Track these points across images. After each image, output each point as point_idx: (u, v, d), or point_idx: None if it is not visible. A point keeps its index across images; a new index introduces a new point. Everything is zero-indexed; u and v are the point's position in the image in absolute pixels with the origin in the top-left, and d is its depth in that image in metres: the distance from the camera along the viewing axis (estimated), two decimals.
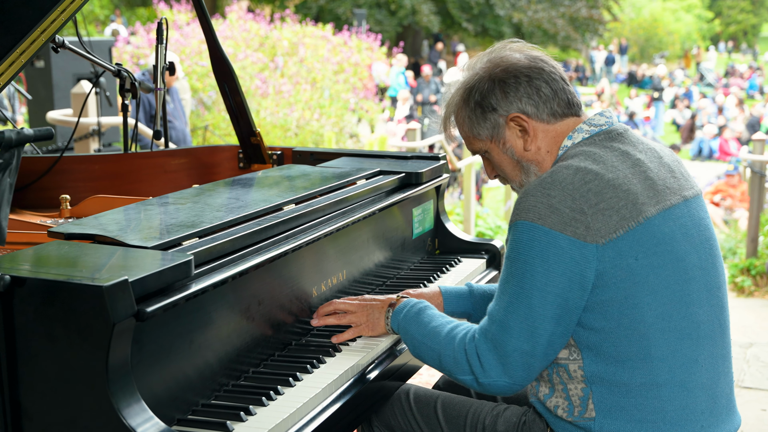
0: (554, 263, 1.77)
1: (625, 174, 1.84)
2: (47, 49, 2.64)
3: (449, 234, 3.01)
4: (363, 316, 2.16)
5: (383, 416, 2.19)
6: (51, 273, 1.59)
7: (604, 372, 1.82)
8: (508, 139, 1.99)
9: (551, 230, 1.77)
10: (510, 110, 1.96)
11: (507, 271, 1.85)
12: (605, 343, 1.81)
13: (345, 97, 11.72)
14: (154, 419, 1.55)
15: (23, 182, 2.86)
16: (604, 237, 1.77)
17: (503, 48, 2.03)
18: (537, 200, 1.81)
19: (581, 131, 1.95)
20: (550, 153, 1.98)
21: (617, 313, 1.79)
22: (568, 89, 1.99)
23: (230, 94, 3.04)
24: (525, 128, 1.96)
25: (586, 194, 1.79)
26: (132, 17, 25.19)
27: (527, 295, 1.80)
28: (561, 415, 1.90)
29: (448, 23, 28.21)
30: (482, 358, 1.85)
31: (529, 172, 2.00)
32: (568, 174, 1.83)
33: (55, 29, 2.18)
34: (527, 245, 1.80)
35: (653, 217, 1.82)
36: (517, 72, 1.96)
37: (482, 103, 1.98)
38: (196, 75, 10.85)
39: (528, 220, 1.80)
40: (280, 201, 2.24)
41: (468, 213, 9.01)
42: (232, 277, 1.86)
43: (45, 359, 1.56)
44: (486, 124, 1.99)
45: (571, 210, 1.78)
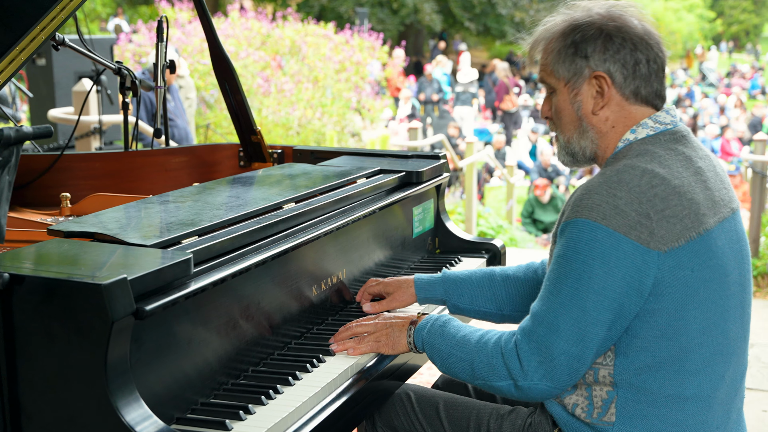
0: (615, 266, 1.71)
1: (689, 182, 1.79)
2: (48, 46, 2.64)
3: (449, 233, 3.01)
4: (383, 335, 2.09)
5: (386, 417, 2.17)
6: (50, 271, 1.58)
7: (635, 379, 1.79)
8: (582, 92, 1.90)
9: (615, 232, 1.71)
10: (599, 67, 1.87)
11: (560, 270, 1.78)
12: (644, 351, 1.77)
13: (347, 96, 11.71)
14: (152, 418, 1.55)
15: (24, 180, 2.86)
16: (667, 245, 1.72)
17: (627, 6, 1.92)
18: (602, 199, 1.74)
19: (646, 126, 1.88)
20: (614, 129, 1.90)
21: (664, 323, 1.75)
22: (661, 79, 1.91)
23: (231, 93, 3.04)
24: (603, 92, 1.88)
25: (653, 199, 1.74)
26: (134, 15, 25.19)
27: (582, 297, 1.74)
28: (578, 415, 1.87)
29: (450, 22, 28.20)
30: (524, 360, 1.80)
31: (585, 135, 1.93)
32: (635, 175, 1.77)
33: (55, 27, 2.18)
34: (587, 245, 1.73)
35: (712, 229, 1.78)
36: (627, 36, 1.86)
37: (578, 46, 1.88)
38: (198, 73, 10.85)
39: (591, 219, 1.74)
40: (280, 199, 2.24)
41: (470, 212, 9.01)
42: (231, 275, 1.86)
43: (44, 357, 1.56)
44: (570, 66, 1.90)
45: (637, 214, 1.72)
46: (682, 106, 22.61)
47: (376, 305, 2.35)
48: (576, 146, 1.95)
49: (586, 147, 1.94)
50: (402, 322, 2.09)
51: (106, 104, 7.08)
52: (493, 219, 10.01)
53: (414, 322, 2.06)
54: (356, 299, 2.42)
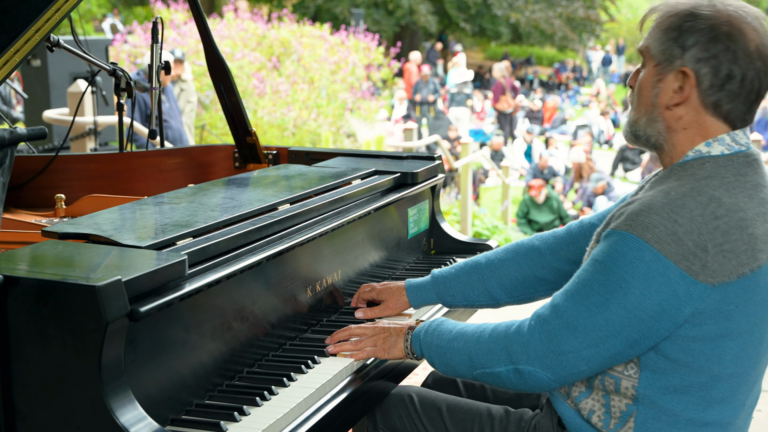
0: (655, 290, 1.67)
1: (752, 214, 1.73)
2: (43, 48, 2.64)
3: (445, 234, 3.01)
4: (380, 339, 2.08)
5: (388, 419, 2.15)
6: (45, 272, 1.58)
7: (659, 398, 1.76)
8: (665, 80, 1.79)
9: (665, 258, 1.66)
10: (690, 64, 1.75)
11: (595, 276, 1.74)
12: (672, 373, 1.75)
13: (342, 97, 11.71)
14: (147, 419, 1.55)
15: (18, 181, 2.86)
16: (717, 279, 1.67)
17: (756, 18, 1.77)
18: (660, 222, 1.67)
19: (722, 143, 1.78)
20: (686, 131, 1.80)
21: (698, 350, 1.72)
22: (751, 103, 1.79)
23: (226, 94, 3.04)
24: (683, 91, 1.78)
25: (714, 231, 1.67)
26: (129, 16, 25.17)
27: (611, 310, 1.70)
28: (594, 423, 1.84)
29: (445, 23, 28.24)
30: (531, 344, 1.78)
31: (653, 124, 1.83)
32: (701, 203, 1.70)
33: (50, 28, 2.18)
34: (631, 262, 1.68)
35: (764, 266, 1.73)
36: (735, 45, 1.73)
37: (682, 33, 1.76)
38: (194, 74, 10.84)
39: (643, 238, 1.68)
40: (275, 201, 2.24)
41: (465, 213, 9.01)
42: (226, 276, 1.86)
43: (38, 359, 1.56)
44: (665, 50, 1.79)
45: (694, 245, 1.66)
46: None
47: (369, 311, 2.34)
48: (641, 130, 1.86)
49: (651, 135, 1.85)
50: (400, 328, 2.08)
51: (101, 105, 7.07)
52: (488, 219, 10.02)
53: (412, 328, 2.06)
54: (351, 305, 2.41)
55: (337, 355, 2.08)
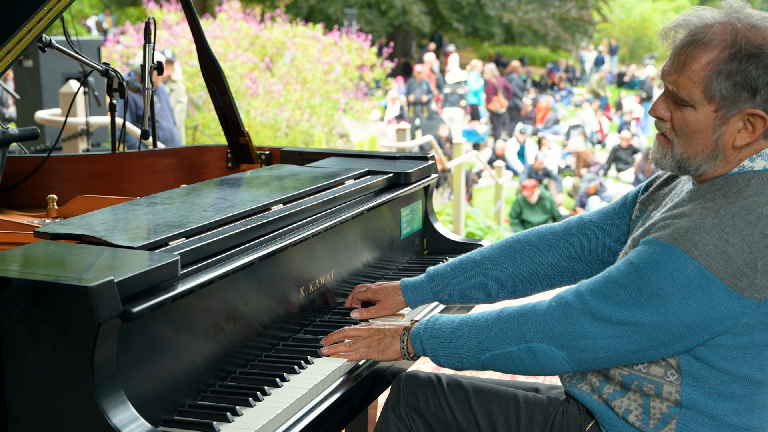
0: (695, 302, 1.68)
1: None
2: (36, 48, 2.64)
3: (438, 234, 3.01)
4: (374, 340, 2.07)
5: (412, 399, 2.12)
6: (37, 273, 1.58)
7: (703, 404, 1.77)
8: (730, 123, 1.75)
9: (711, 274, 1.66)
10: (762, 107, 1.73)
11: (629, 279, 1.73)
12: (715, 380, 1.76)
13: (335, 97, 11.71)
14: (139, 420, 1.54)
15: (10, 182, 2.85)
16: (764, 294, 1.68)
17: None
18: (711, 241, 1.67)
19: (765, 158, 1.78)
20: (738, 155, 1.79)
21: (741, 358, 1.73)
22: None
23: (219, 94, 3.04)
24: (754, 130, 1.75)
25: (765, 249, 1.68)
26: (122, 16, 25.12)
27: (642, 311, 1.71)
28: (632, 422, 1.84)
29: (438, 23, 28.27)
30: (548, 323, 1.78)
31: (712, 161, 1.80)
32: (751, 222, 1.70)
33: (42, 28, 2.18)
34: (672, 274, 1.69)
35: None
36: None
37: (749, 78, 1.71)
38: (186, 75, 10.83)
39: (690, 254, 1.67)
40: (268, 201, 2.24)
41: (458, 213, 9.02)
42: (219, 277, 1.86)
43: (30, 360, 1.55)
44: (730, 93, 1.72)
45: (744, 263, 1.67)
46: None
47: (364, 312, 2.33)
48: (693, 165, 1.82)
49: (705, 168, 1.82)
50: (396, 329, 2.07)
51: (94, 106, 7.06)
52: (481, 220, 10.03)
53: (408, 329, 2.05)
54: (346, 305, 2.40)
55: (332, 356, 2.07)
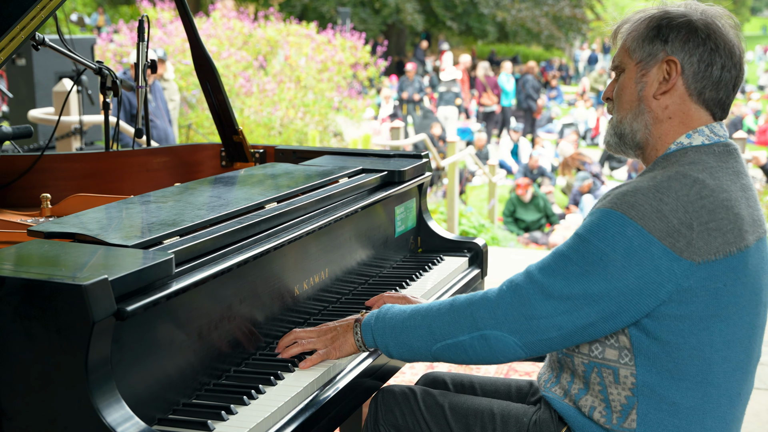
0: (637, 264, 1.70)
1: (736, 196, 1.78)
2: (28, 46, 2.63)
3: (432, 232, 3.02)
4: (327, 339, 2.05)
5: (390, 415, 2.13)
6: (31, 272, 1.58)
7: (658, 386, 1.77)
8: (650, 74, 1.87)
9: (649, 234, 1.69)
10: (675, 54, 1.84)
11: (575, 249, 1.76)
12: (666, 357, 1.76)
13: (329, 96, 11.71)
14: (134, 419, 1.54)
15: (3, 181, 2.85)
16: (702, 257, 1.70)
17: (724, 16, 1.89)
18: (646, 200, 1.72)
19: (702, 134, 1.85)
20: (671, 121, 1.87)
21: (688, 330, 1.73)
22: (730, 93, 1.87)
23: (212, 93, 3.04)
24: (670, 78, 1.85)
25: (700, 210, 1.72)
26: (115, 15, 25.07)
27: (590, 280, 1.72)
28: (597, 419, 1.84)
29: (432, 22, 28.26)
30: (500, 308, 1.78)
31: (639, 117, 1.89)
32: (686, 184, 1.74)
33: (35, 26, 2.17)
34: (613, 237, 1.72)
35: (751, 246, 1.77)
36: (713, 36, 1.83)
37: (662, 29, 1.86)
38: (180, 73, 10.82)
39: (627, 215, 1.72)
40: (262, 199, 2.24)
41: (452, 211, 9.03)
42: (213, 275, 1.86)
43: (24, 358, 1.55)
44: (647, 47, 1.87)
45: (680, 222, 1.70)
46: None
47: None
48: (627, 127, 1.91)
49: (637, 130, 1.90)
50: (347, 323, 2.06)
51: (87, 104, 7.04)
52: (474, 218, 10.04)
53: (359, 320, 2.04)
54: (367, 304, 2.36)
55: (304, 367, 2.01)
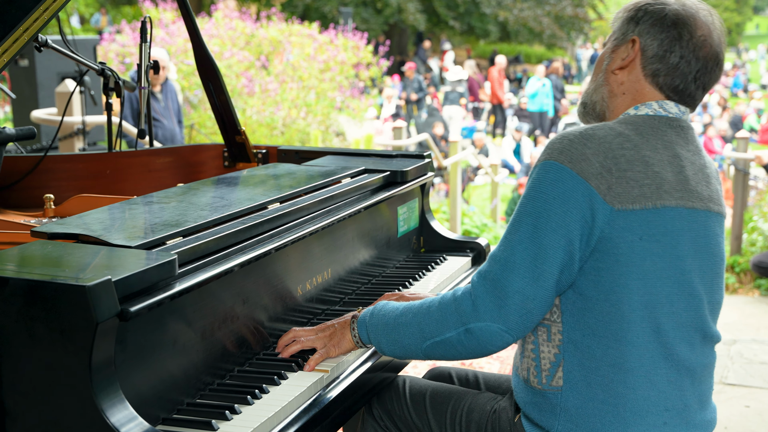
0: (573, 207, 1.78)
1: (661, 159, 1.85)
2: (31, 47, 2.63)
3: (434, 232, 3.02)
4: (325, 337, 2.08)
5: (383, 401, 2.23)
6: (34, 273, 1.58)
7: (581, 342, 1.83)
8: (618, 51, 1.99)
9: (578, 176, 1.78)
10: (637, 35, 1.95)
11: (522, 209, 1.83)
12: (588, 312, 1.82)
13: (331, 96, 11.71)
14: (138, 419, 1.55)
15: (7, 181, 2.85)
16: (620, 203, 1.78)
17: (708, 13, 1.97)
18: (572, 145, 1.82)
19: (649, 107, 1.94)
20: (624, 96, 1.98)
21: (607, 285, 1.80)
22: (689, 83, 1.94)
23: (215, 93, 3.04)
24: (628, 56, 1.96)
25: (619, 158, 1.81)
26: (117, 15, 25.08)
27: (540, 234, 1.78)
28: (531, 381, 1.90)
29: (434, 21, 28.25)
30: (478, 299, 1.81)
31: (599, 89, 2.02)
32: (609, 133, 1.84)
33: (38, 28, 2.18)
34: (551, 184, 1.80)
35: (671, 207, 1.83)
36: (681, 27, 1.92)
37: (637, 14, 1.97)
38: (182, 73, 10.82)
39: (558, 161, 1.80)
40: (265, 200, 2.24)
41: (454, 211, 9.02)
42: (216, 276, 1.86)
43: (28, 359, 1.56)
44: (623, 27, 1.99)
45: (601, 165, 1.79)
46: None
47: None
48: (588, 97, 2.04)
49: (596, 101, 2.02)
50: (344, 321, 2.09)
51: (90, 105, 7.05)
52: (477, 218, 10.03)
53: (355, 316, 2.07)
54: None
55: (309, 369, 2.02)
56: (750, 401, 4.34)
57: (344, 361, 2.06)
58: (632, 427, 1.82)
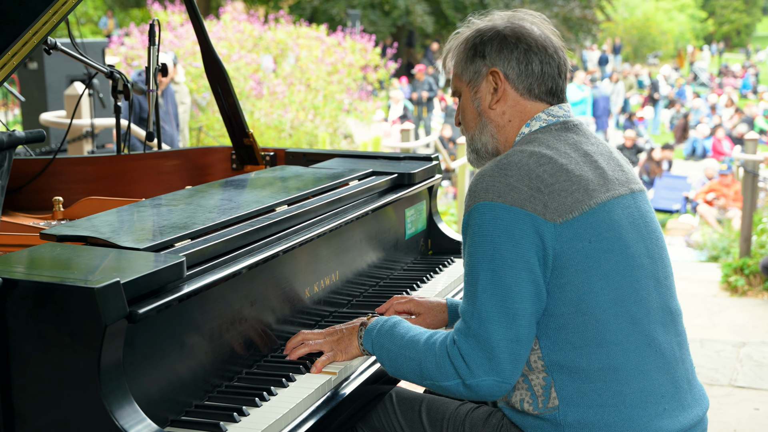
0: (520, 238, 1.78)
1: (576, 161, 1.89)
2: (40, 50, 2.64)
3: (442, 234, 3.02)
4: (333, 342, 2.07)
5: (367, 418, 2.16)
6: (43, 275, 1.59)
7: (563, 359, 1.83)
8: (481, 89, 2.01)
9: (513, 206, 1.79)
10: (495, 65, 1.99)
11: (472, 258, 1.82)
12: (563, 329, 1.83)
13: (339, 98, 11.72)
14: (146, 421, 1.55)
15: (16, 184, 2.86)
16: (561, 216, 1.80)
17: (527, 15, 2.06)
18: (494, 180, 1.83)
19: (539, 120, 1.98)
20: (511, 123, 2.00)
21: (573, 296, 1.81)
22: (557, 80, 2.01)
23: (223, 96, 3.05)
24: (497, 87, 1.99)
25: (542, 175, 1.83)
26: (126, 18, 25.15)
27: (500, 276, 1.78)
28: (527, 410, 1.89)
29: (442, 23, 28.23)
30: (467, 357, 1.80)
31: (484, 129, 2.03)
32: (523, 156, 1.87)
33: (47, 31, 2.18)
34: (491, 224, 1.80)
35: (604, 203, 1.86)
36: (523, 38, 1.99)
37: (477, 47, 2.01)
38: (191, 76, 10.84)
39: (488, 200, 1.81)
40: (273, 202, 2.24)
41: (462, 213, 9.00)
42: (224, 278, 1.86)
43: (37, 361, 1.56)
44: (471, 66, 2.02)
45: (529, 188, 1.81)
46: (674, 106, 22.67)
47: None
48: (478, 142, 2.05)
49: (487, 142, 2.04)
50: (352, 326, 2.08)
51: (98, 108, 7.07)
52: None
53: (364, 324, 2.05)
54: (378, 311, 2.36)
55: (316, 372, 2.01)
56: (759, 404, 4.32)
57: (351, 365, 2.06)
58: (635, 421, 1.83)
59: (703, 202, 12.43)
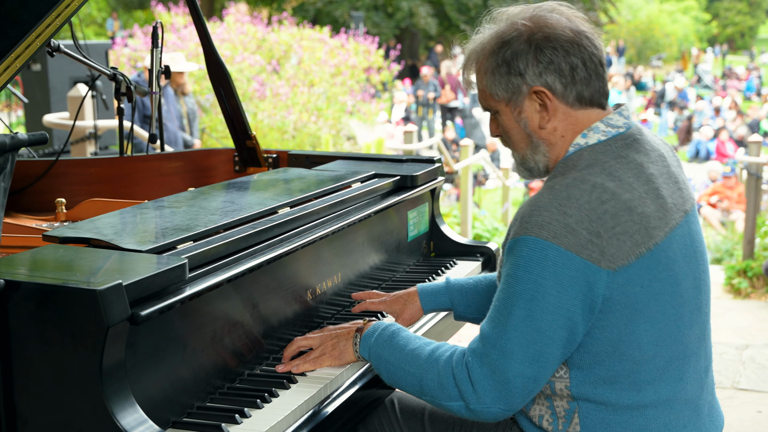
0: (569, 285, 1.68)
1: (639, 194, 1.76)
2: (44, 52, 2.65)
3: (444, 237, 3.02)
4: (328, 347, 2.01)
5: (368, 425, 2.12)
6: (46, 277, 1.59)
7: (592, 393, 1.78)
8: (525, 109, 1.84)
9: (568, 251, 1.67)
10: (536, 82, 1.81)
11: (510, 290, 1.72)
12: (598, 365, 1.76)
13: (342, 100, 11.72)
14: (148, 422, 1.55)
15: (19, 186, 2.87)
16: (617, 263, 1.70)
17: (551, 10, 1.86)
18: (552, 217, 1.70)
19: (597, 131, 1.83)
20: (564, 138, 1.85)
21: (614, 337, 1.73)
22: (603, 76, 1.86)
23: (226, 98, 3.05)
24: (546, 105, 1.83)
25: (603, 216, 1.70)
26: (129, 20, 25.19)
27: (536, 319, 1.69)
28: (546, 428, 1.84)
29: (445, 25, 28.24)
30: (477, 383, 1.73)
31: (537, 149, 1.87)
32: (585, 191, 1.73)
33: (50, 33, 2.19)
34: (539, 264, 1.69)
35: (662, 242, 1.75)
36: (558, 43, 1.80)
37: (510, 63, 1.82)
38: (193, 78, 10.85)
39: (541, 237, 1.69)
40: (275, 204, 2.24)
41: (465, 215, 9.01)
42: (227, 280, 1.86)
43: (39, 362, 1.56)
44: (507, 85, 1.84)
45: (588, 232, 1.68)
46: (677, 108, 22.65)
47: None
48: (531, 162, 1.91)
49: (539, 161, 1.90)
50: (348, 331, 2.02)
51: (101, 109, 7.08)
52: (488, 221, 10.02)
53: (360, 330, 2.00)
54: (353, 311, 2.36)
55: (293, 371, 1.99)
56: (762, 406, 4.32)
57: (355, 366, 2.06)
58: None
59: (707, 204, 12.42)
